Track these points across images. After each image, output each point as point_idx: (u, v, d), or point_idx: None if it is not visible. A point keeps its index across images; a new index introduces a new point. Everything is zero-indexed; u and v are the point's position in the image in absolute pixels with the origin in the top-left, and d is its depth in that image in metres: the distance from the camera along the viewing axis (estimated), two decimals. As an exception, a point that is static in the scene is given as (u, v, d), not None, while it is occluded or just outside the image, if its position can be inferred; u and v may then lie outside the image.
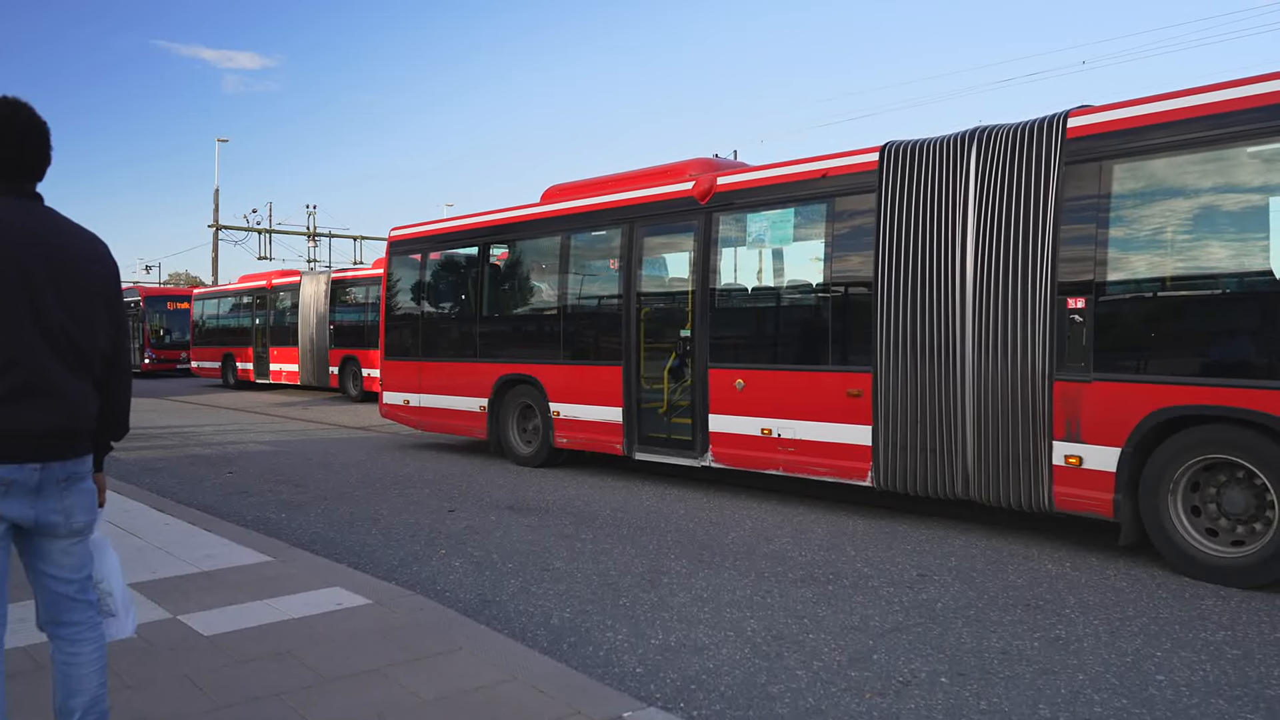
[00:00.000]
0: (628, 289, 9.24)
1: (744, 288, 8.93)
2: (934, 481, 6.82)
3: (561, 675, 3.50)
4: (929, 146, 6.94)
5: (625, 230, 9.30)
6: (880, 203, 7.14)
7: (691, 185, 8.70)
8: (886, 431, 7.04)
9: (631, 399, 9.15)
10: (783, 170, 8.07)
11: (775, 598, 5.14)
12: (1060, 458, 6.16)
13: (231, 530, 5.97)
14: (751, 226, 8.39)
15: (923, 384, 6.81)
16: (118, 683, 3.35)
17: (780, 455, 7.85)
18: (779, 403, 7.86)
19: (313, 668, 3.53)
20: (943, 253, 6.74)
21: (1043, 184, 6.28)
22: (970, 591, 5.31)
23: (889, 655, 4.22)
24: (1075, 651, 4.30)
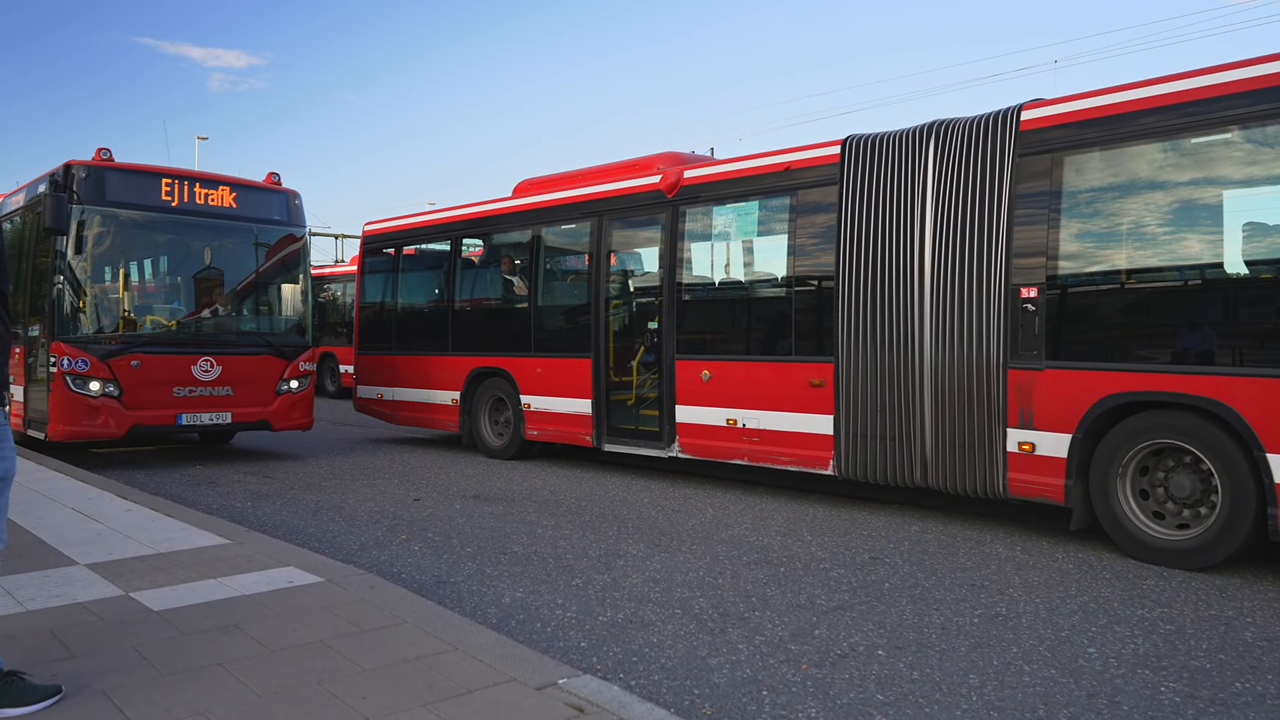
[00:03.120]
0: (597, 282, 9.32)
1: (710, 280, 9.03)
2: (893, 469, 6.91)
3: (501, 646, 3.57)
4: (889, 140, 7.05)
5: (595, 224, 9.38)
6: (841, 195, 7.24)
7: (659, 179, 8.78)
8: (847, 420, 7.13)
9: (601, 391, 9.22)
10: (747, 164, 8.17)
11: (727, 579, 5.23)
12: (1014, 444, 6.26)
13: (193, 516, 6.01)
14: (717, 220, 8.49)
15: (882, 373, 6.90)
16: (64, 653, 3.41)
17: (745, 445, 7.93)
18: (744, 393, 7.95)
19: (258, 639, 3.58)
20: (902, 244, 6.84)
21: (997, 176, 6.40)
22: (919, 573, 5.42)
23: (830, 630, 4.31)
24: (1013, 627, 4.41)
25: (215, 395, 9.58)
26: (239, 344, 9.98)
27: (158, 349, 9.44)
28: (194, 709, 2.93)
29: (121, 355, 9.15)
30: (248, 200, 10.20)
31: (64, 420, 8.97)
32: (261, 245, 10.42)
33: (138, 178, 9.55)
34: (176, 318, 10.03)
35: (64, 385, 8.92)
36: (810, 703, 3.45)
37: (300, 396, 10.26)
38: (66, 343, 8.98)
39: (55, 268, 9.05)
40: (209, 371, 9.53)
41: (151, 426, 9.30)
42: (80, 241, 9.10)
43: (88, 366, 8.96)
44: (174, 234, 9.99)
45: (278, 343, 10.24)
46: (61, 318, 9.04)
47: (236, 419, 9.80)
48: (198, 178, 9.97)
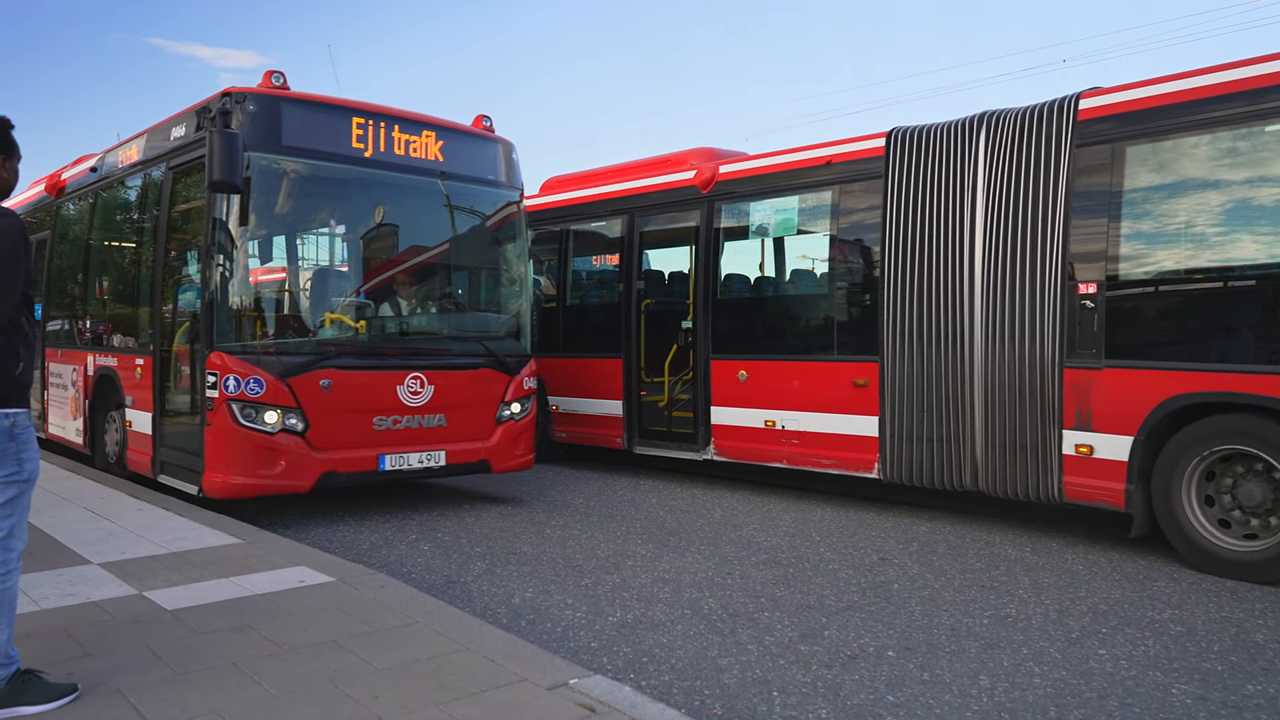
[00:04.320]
0: (628, 280, 9.09)
1: (747, 277, 8.77)
2: (941, 473, 6.68)
3: (512, 646, 3.59)
4: (936, 131, 6.79)
5: (626, 221, 9.17)
6: (886, 189, 7.00)
7: (694, 174, 8.58)
8: (893, 422, 6.89)
9: (632, 392, 8.97)
10: (786, 158, 7.94)
11: (736, 579, 5.23)
12: (1070, 447, 5.99)
13: (204, 515, 6.03)
14: (754, 215, 8.26)
15: (930, 373, 6.66)
16: (79, 651, 3.43)
17: (784, 448, 7.68)
18: (783, 394, 7.69)
19: (270, 638, 3.61)
20: (951, 239, 6.60)
21: (1053, 168, 6.13)
22: (928, 574, 5.42)
23: (840, 631, 4.32)
24: (1023, 629, 4.40)
25: (425, 427, 6.88)
26: (454, 354, 7.25)
27: (354, 362, 6.65)
28: (208, 707, 2.95)
29: (307, 372, 6.36)
30: (458, 151, 7.40)
31: (231, 467, 6.17)
32: (474, 214, 7.69)
33: (322, 114, 6.78)
34: (373, 317, 7.23)
35: (229, 417, 6.12)
36: (821, 703, 3.45)
37: (523, 425, 7.54)
38: (232, 354, 6.19)
39: (211, 244, 6.28)
40: (419, 393, 6.82)
41: (347, 474, 6.52)
42: (247, 207, 6.33)
43: (263, 389, 6.17)
44: (366, 197, 7.26)
45: (500, 351, 7.45)
46: (222, 317, 6.26)
47: (451, 460, 7.00)
48: (396, 117, 7.08)
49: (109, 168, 8.46)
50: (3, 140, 3.04)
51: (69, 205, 9.57)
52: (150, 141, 7.59)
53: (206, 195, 6.26)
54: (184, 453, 6.59)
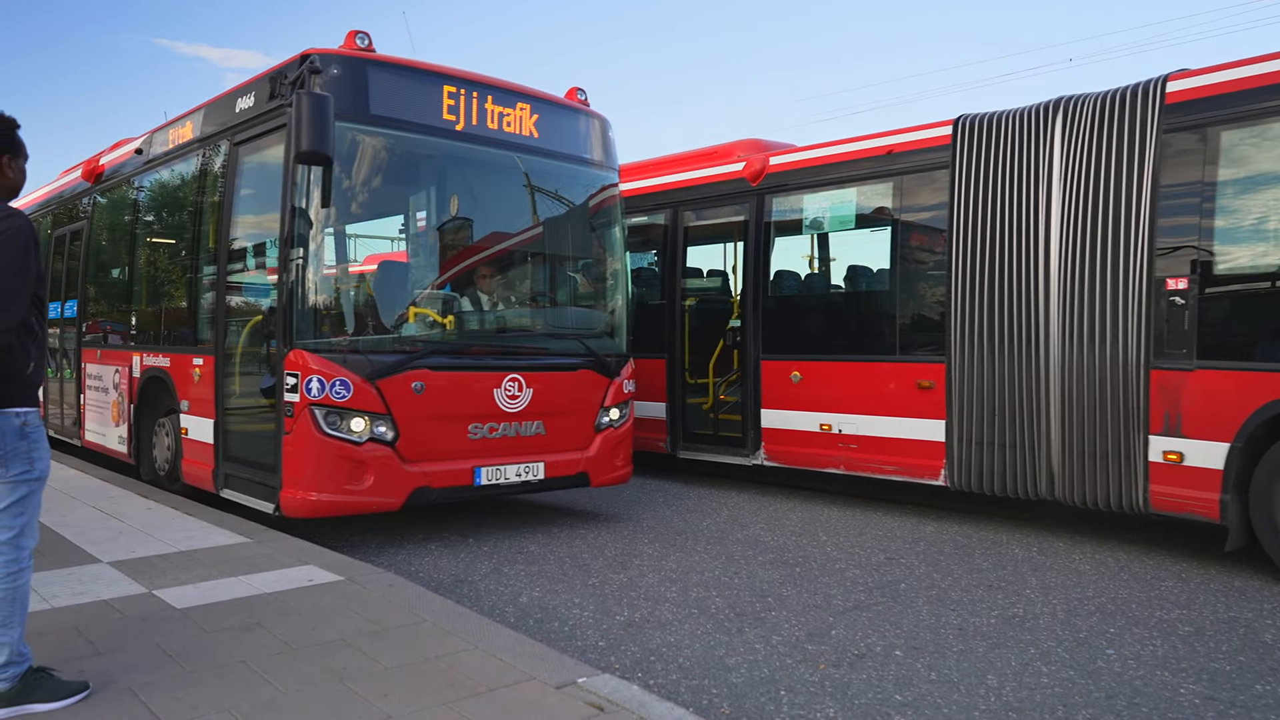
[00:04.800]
0: (672, 278, 8.76)
1: (800, 274, 8.46)
2: (1015, 480, 6.32)
3: (520, 645, 3.59)
4: (1007, 118, 6.45)
5: (669, 215, 8.84)
6: (954, 180, 6.63)
7: (742, 166, 8.24)
8: (961, 426, 6.52)
9: (676, 394, 8.63)
10: (842, 149, 7.61)
11: (743, 579, 5.24)
12: (1158, 454, 5.62)
13: (211, 515, 6.06)
14: (808, 209, 7.91)
15: (1002, 374, 6.31)
16: (89, 649, 3.45)
17: (841, 453, 7.33)
18: (840, 396, 7.34)
19: (280, 637, 3.62)
20: (1024, 232, 6.24)
21: (1138, 155, 5.77)
22: (935, 574, 5.42)
23: (847, 631, 4.32)
24: (1030, 628, 4.40)
25: (523, 435, 6.19)
26: (553, 353, 6.55)
27: (448, 362, 5.93)
28: (219, 705, 2.97)
29: (398, 373, 5.64)
30: (554, 126, 6.68)
31: (312, 482, 5.43)
32: (571, 196, 6.96)
33: (411, 81, 6.00)
34: (467, 311, 6.41)
35: (311, 424, 5.39)
36: (828, 703, 3.46)
37: (623, 434, 6.87)
38: (315, 353, 5.45)
39: (290, 228, 5.52)
40: (516, 397, 6.11)
41: (440, 490, 5.80)
42: (330, 184, 5.52)
43: (349, 393, 5.44)
44: (457, 175, 6.59)
45: (600, 350, 6.76)
46: (303, 311, 5.51)
47: (550, 472, 6.32)
48: (489, 86, 6.32)
49: (158, 148, 7.76)
50: (9, 140, 3.05)
51: (110, 192, 8.93)
52: (210, 116, 6.87)
53: (284, 172, 5.59)
54: (254, 466, 5.88)
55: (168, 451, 7.04)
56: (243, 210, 6.41)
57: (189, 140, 7.15)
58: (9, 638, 2.91)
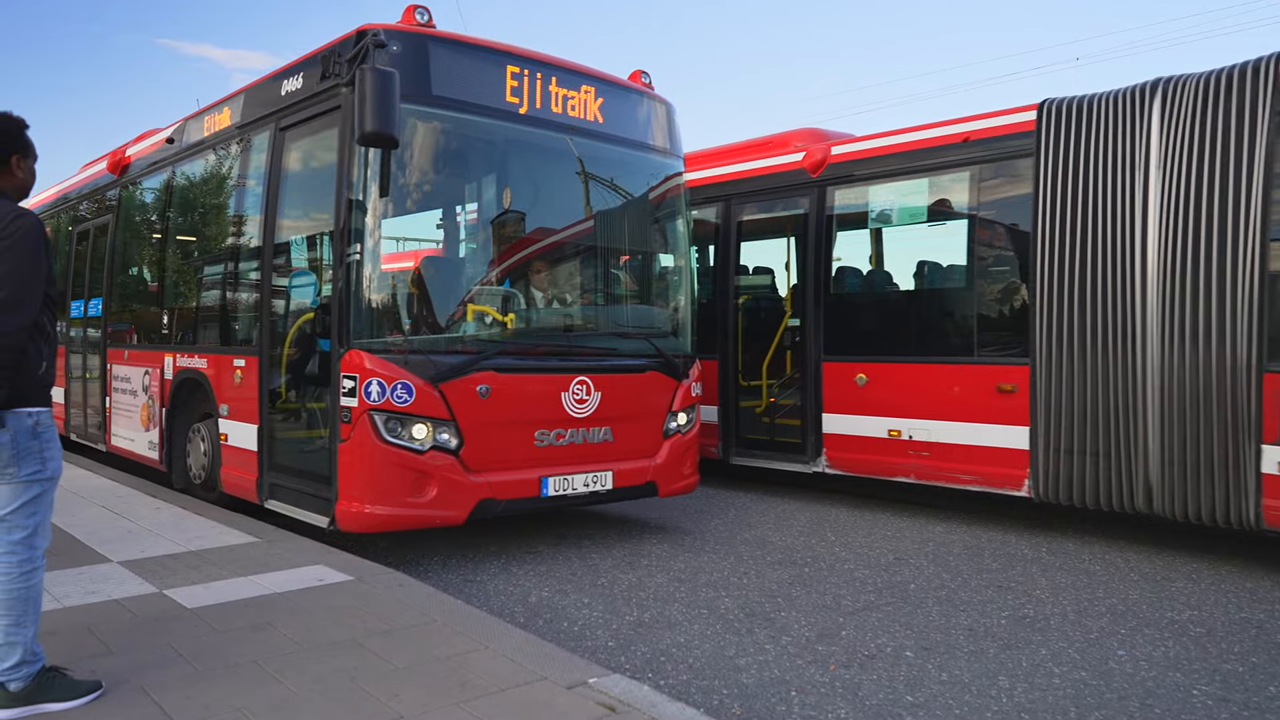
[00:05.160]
0: (725, 274, 8.34)
1: (865, 270, 8.06)
2: (1108, 493, 5.88)
3: (531, 645, 3.59)
4: (1099, 102, 6.03)
5: (721, 209, 8.43)
6: (1039, 169, 6.19)
7: (801, 157, 7.84)
8: (1048, 433, 6.07)
9: (729, 397, 8.23)
10: (912, 136, 7.18)
11: (752, 579, 5.23)
12: (1271, 465, 5.22)
13: (220, 514, 6.07)
14: (874, 201, 7.48)
15: (1093, 377, 5.87)
16: (101, 649, 3.46)
17: (912, 460, 6.90)
18: (910, 400, 6.91)
19: (291, 637, 3.62)
20: (1118, 224, 5.81)
21: (1247, 140, 5.38)
22: (944, 574, 5.40)
23: (857, 631, 4.31)
24: (1041, 629, 4.39)
25: (591, 442, 5.80)
26: (621, 354, 6.13)
27: (515, 364, 5.53)
28: (231, 705, 2.97)
29: (463, 375, 5.23)
30: (619, 110, 6.27)
31: (371, 494, 5.03)
32: (637, 186, 6.53)
33: (474, 60, 5.56)
34: (533, 308, 6.04)
35: (371, 431, 5.00)
36: (839, 703, 3.45)
37: (690, 440, 6.50)
38: (374, 353, 5.06)
39: (347, 218, 5.13)
40: (584, 401, 5.72)
41: (506, 502, 5.38)
42: (389, 171, 5.15)
43: (411, 397, 5.06)
44: (521, 162, 6.17)
45: (667, 350, 6.36)
46: (361, 308, 5.12)
47: (618, 482, 5.91)
48: (553, 66, 5.92)
49: (192, 137, 7.31)
50: (19, 140, 3.05)
51: (138, 184, 8.46)
52: (251, 100, 6.45)
53: (339, 158, 5.22)
54: (304, 476, 5.48)
55: (204, 459, 6.62)
56: (289, 200, 5.98)
57: (227, 127, 6.75)
58: (22, 637, 2.92)
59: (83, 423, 9.16)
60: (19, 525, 2.94)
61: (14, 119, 3.05)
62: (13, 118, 3.04)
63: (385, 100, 4.83)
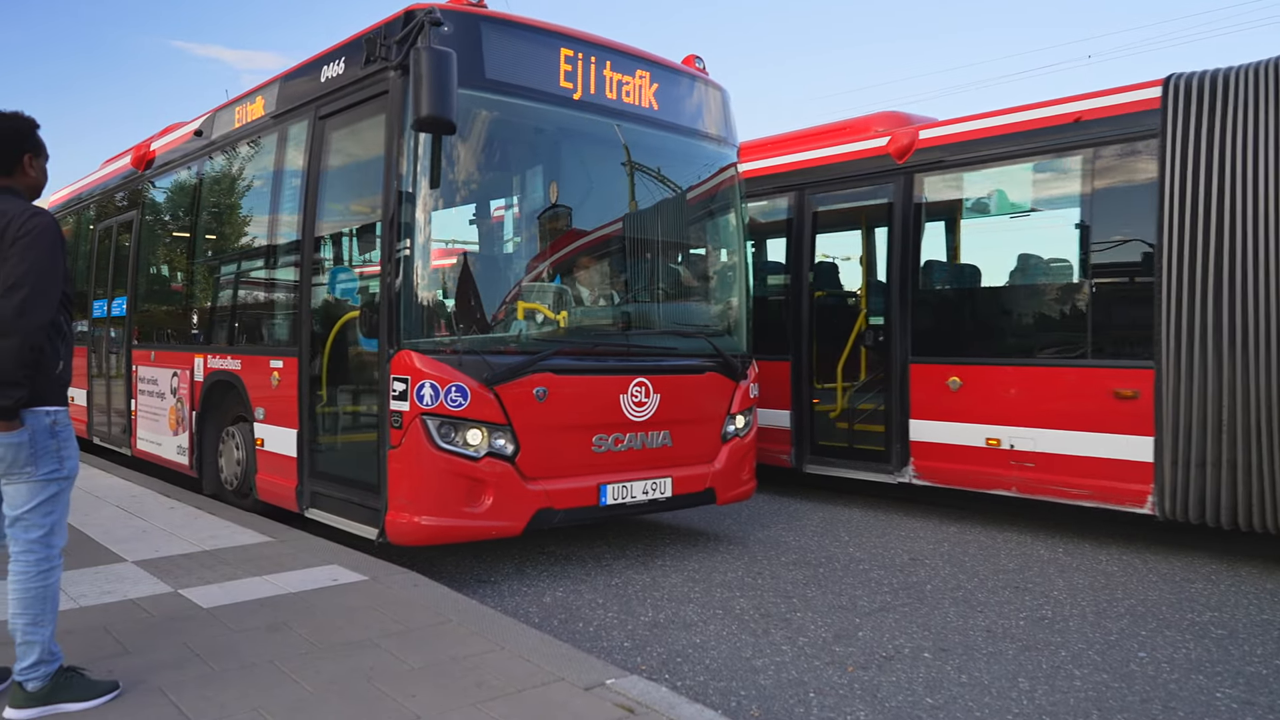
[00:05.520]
0: (798, 269, 7.82)
1: (959, 265, 7.50)
2: (1247, 509, 5.33)
3: (547, 645, 3.58)
4: (1234, 76, 5.55)
5: (793, 199, 7.90)
6: (1165, 150, 5.66)
7: (886, 141, 7.31)
8: (1176, 444, 5.52)
9: (803, 400, 7.72)
10: (1014, 118, 6.60)
11: (766, 579, 5.20)
12: None
13: (234, 514, 6.07)
14: (970, 188, 6.99)
15: (1230, 382, 5.33)
16: (118, 649, 3.46)
17: (1013, 472, 6.35)
18: (1012, 406, 6.34)
19: (306, 637, 3.61)
20: (1257, 211, 5.31)
21: None
22: (960, 575, 5.37)
23: (874, 632, 4.28)
24: (1060, 630, 4.35)
25: (649, 447, 5.49)
26: (679, 354, 5.84)
27: (572, 364, 5.24)
28: (248, 705, 2.96)
29: (519, 377, 4.94)
30: (673, 96, 5.97)
31: (424, 504, 4.74)
32: (692, 176, 6.23)
33: (527, 42, 5.30)
34: (589, 306, 5.75)
35: (424, 437, 4.71)
36: (858, 705, 3.42)
37: (748, 444, 6.18)
38: (427, 354, 4.78)
39: (396, 211, 4.85)
40: (643, 404, 5.42)
41: (564, 511, 5.10)
42: (440, 160, 4.84)
43: (466, 401, 4.77)
44: (575, 150, 5.86)
45: (726, 349, 6.04)
46: (412, 305, 4.85)
47: (677, 489, 5.59)
48: (608, 49, 5.63)
49: (222, 128, 7.07)
50: (31, 139, 3.04)
51: (164, 179, 8.15)
52: (287, 89, 6.17)
53: (386, 146, 4.94)
54: (349, 484, 5.19)
55: (237, 465, 6.38)
56: (330, 192, 5.68)
57: (261, 117, 6.46)
58: (40, 636, 2.91)
59: (106, 426, 8.89)
60: (36, 524, 2.94)
61: (25, 118, 3.04)
62: (23, 117, 3.04)
63: (442, 82, 4.52)
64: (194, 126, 7.58)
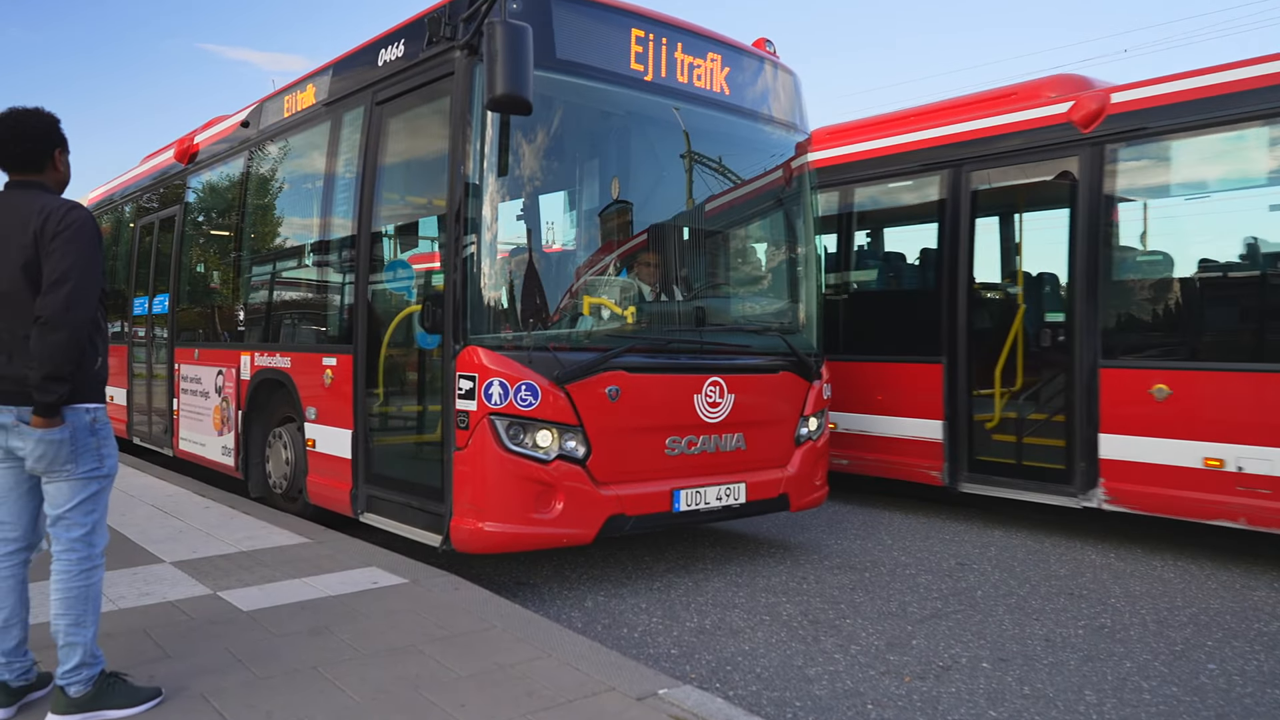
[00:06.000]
0: (952, 256, 6.88)
1: (1167, 252, 6.27)
2: None
3: (596, 653, 3.48)
4: None
5: (946, 178, 6.97)
6: None
7: (1068, 108, 6.33)
8: None
9: (957, 409, 6.75)
10: (1242, 73, 5.55)
11: (811, 584, 5.08)
12: None
13: (269, 514, 6.02)
14: (1181, 159, 6.02)
15: None
16: (158, 653, 3.39)
17: (1242, 499, 5.33)
18: (1240, 421, 5.36)
19: (349, 642, 3.54)
20: None
21: None
22: (1011, 580, 5.21)
23: (928, 640, 4.14)
24: (1121, 640, 4.19)
25: (723, 450, 5.19)
26: (753, 351, 5.56)
27: (646, 362, 4.95)
28: (294, 713, 2.88)
29: (592, 375, 4.68)
30: (744, 80, 5.64)
31: (492, 509, 4.47)
32: (762, 164, 5.90)
33: (597, 20, 5.01)
34: (662, 300, 5.43)
35: (492, 438, 4.45)
36: (919, 717, 3.29)
37: (821, 448, 5.82)
38: (495, 350, 4.50)
39: (462, 200, 4.57)
40: (718, 404, 5.13)
41: (637, 518, 4.80)
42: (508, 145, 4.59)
43: (536, 400, 4.51)
44: (645, 136, 5.52)
45: (800, 348, 5.72)
46: (479, 300, 4.59)
47: (751, 494, 5.28)
48: (679, 29, 5.33)
49: (270, 119, 6.82)
50: (58, 134, 3.01)
51: (209, 172, 7.97)
52: (340, 74, 5.92)
53: (452, 132, 4.65)
54: (409, 488, 4.94)
55: (286, 466, 6.15)
56: (388, 181, 5.41)
57: (313, 105, 6.20)
58: (82, 638, 2.85)
59: (147, 426, 8.76)
60: (77, 523, 2.89)
61: (48, 114, 3.01)
62: (45, 113, 3.01)
63: (519, 58, 4.17)
64: (239, 118, 7.38)
